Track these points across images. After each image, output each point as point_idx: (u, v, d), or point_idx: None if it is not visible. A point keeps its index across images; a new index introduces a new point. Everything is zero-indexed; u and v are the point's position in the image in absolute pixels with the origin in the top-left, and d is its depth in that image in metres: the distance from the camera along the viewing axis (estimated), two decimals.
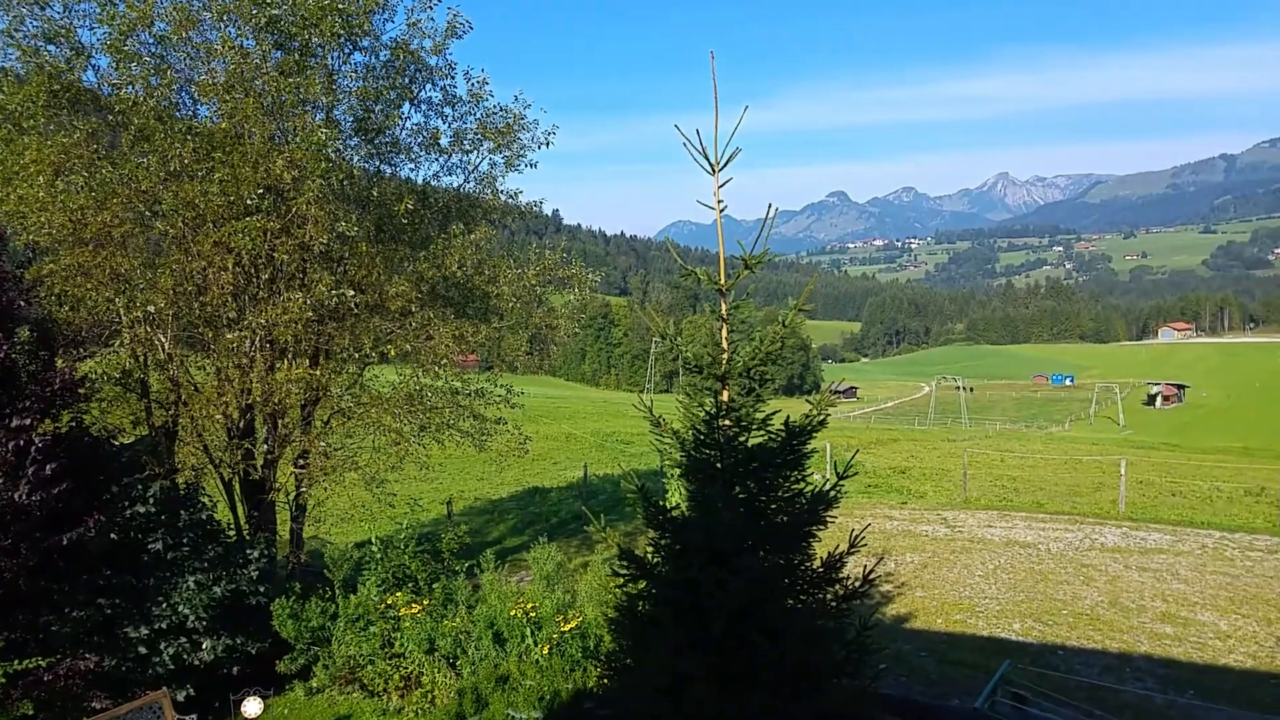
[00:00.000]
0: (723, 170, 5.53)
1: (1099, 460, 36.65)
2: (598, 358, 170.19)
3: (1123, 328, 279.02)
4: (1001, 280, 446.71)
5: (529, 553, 11.84)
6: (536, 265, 14.08)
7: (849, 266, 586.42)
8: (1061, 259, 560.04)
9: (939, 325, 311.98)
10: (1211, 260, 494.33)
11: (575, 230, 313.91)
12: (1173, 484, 29.78)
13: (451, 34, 12.09)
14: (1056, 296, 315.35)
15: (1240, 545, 18.37)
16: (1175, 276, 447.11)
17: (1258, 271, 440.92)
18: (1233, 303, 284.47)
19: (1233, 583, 15.29)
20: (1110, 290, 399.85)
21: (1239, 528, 20.64)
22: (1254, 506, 24.32)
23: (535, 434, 39.55)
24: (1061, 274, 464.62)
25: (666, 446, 5.76)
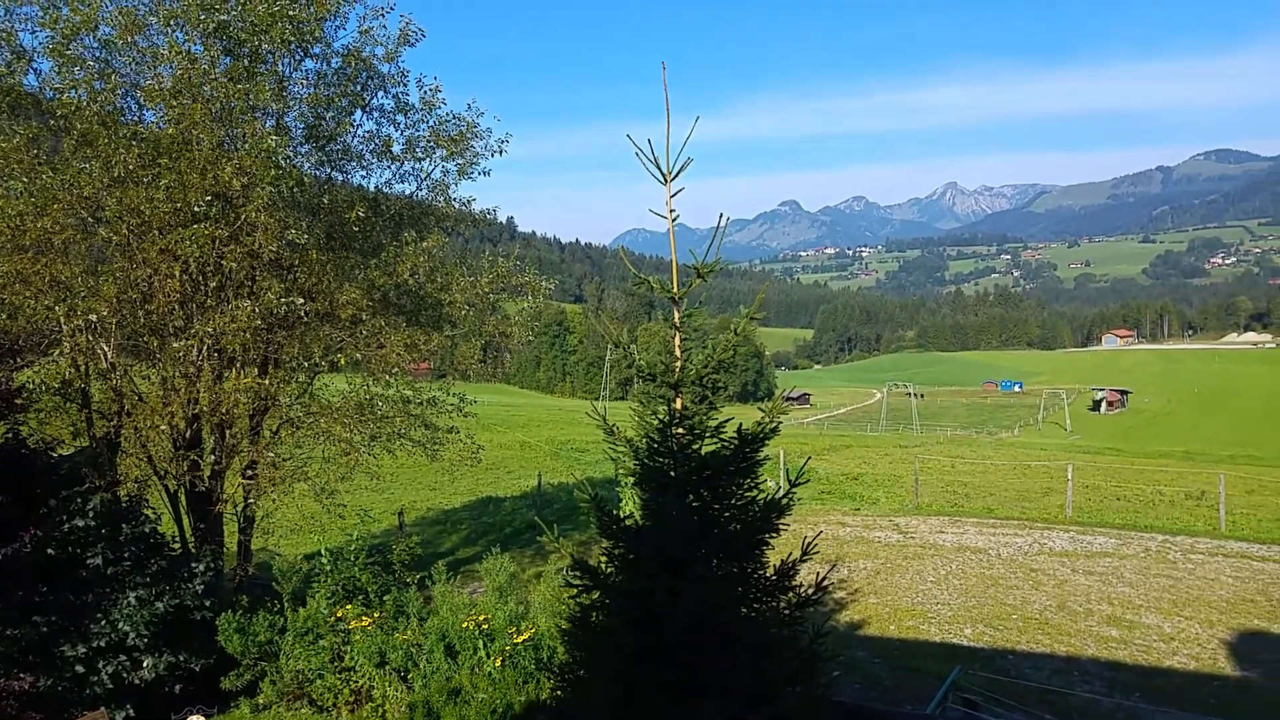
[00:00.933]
0: (675, 179, 5.56)
1: (1047, 465, 37.41)
2: (553, 365, 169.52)
3: (1069, 334, 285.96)
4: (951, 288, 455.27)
5: (482, 563, 11.73)
6: (490, 273, 14.00)
7: (801, 274, 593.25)
8: (1009, 267, 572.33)
9: (890, 332, 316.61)
10: (1151, 269, 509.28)
11: (530, 237, 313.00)
12: (1117, 488, 30.51)
13: (404, 42, 12.01)
14: (1005, 304, 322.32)
15: (1182, 548, 18.90)
16: (1117, 285, 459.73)
17: (1194, 280, 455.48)
18: (1171, 310, 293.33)
19: (1175, 585, 15.71)
20: (1056, 298, 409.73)
21: (1181, 531, 21.23)
22: (1195, 510, 25.02)
23: (489, 443, 39.28)
24: (1009, 282, 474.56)
25: (620, 455, 5.75)
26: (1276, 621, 13.57)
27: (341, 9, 11.40)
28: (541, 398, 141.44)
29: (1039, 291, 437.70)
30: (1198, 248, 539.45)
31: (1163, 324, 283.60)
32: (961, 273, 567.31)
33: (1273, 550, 18.85)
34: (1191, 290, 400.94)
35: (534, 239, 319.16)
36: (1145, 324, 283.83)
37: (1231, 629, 13.19)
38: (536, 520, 7.10)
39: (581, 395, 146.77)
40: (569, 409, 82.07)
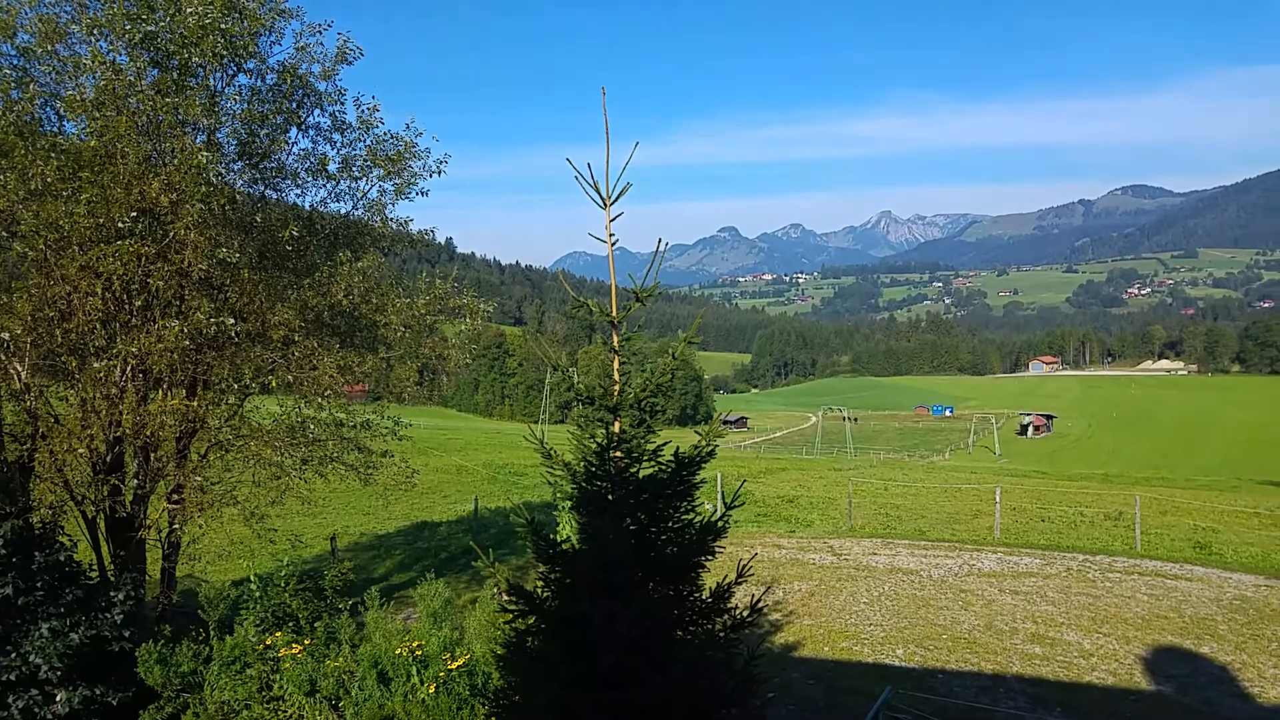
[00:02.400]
0: (614, 203, 5.60)
1: (976, 488, 38.34)
2: (491, 388, 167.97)
3: (998, 360, 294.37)
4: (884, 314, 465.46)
5: (416, 589, 11.53)
6: (427, 294, 13.86)
7: (740, 300, 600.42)
8: (941, 294, 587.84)
9: (825, 357, 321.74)
10: (1074, 298, 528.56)
11: (469, 259, 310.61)
12: (1042, 510, 31.40)
13: (342, 60, 11.89)
14: (936, 330, 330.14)
15: (1101, 567, 19.53)
16: (1043, 313, 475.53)
17: (1114, 309, 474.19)
18: (1093, 338, 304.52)
19: (1095, 603, 16.22)
20: (986, 324, 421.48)
21: (1100, 550, 21.96)
22: (1113, 530, 25.90)
23: (425, 466, 38.70)
24: (941, 309, 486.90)
25: (558, 479, 5.74)
26: (1188, 637, 14.09)
27: (277, 24, 11.22)
28: (480, 421, 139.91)
29: (969, 318, 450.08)
30: (1116, 278, 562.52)
31: (1085, 351, 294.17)
32: (895, 299, 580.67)
33: (1184, 569, 19.60)
34: (1111, 319, 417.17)
35: (473, 260, 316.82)
36: (1069, 351, 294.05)
37: (1146, 645, 13.66)
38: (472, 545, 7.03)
39: (521, 419, 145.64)
40: (507, 432, 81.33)
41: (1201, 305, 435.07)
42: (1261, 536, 26.09)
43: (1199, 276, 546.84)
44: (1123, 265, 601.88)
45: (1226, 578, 18.70)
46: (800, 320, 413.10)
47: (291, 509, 15.93)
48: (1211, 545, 23.11)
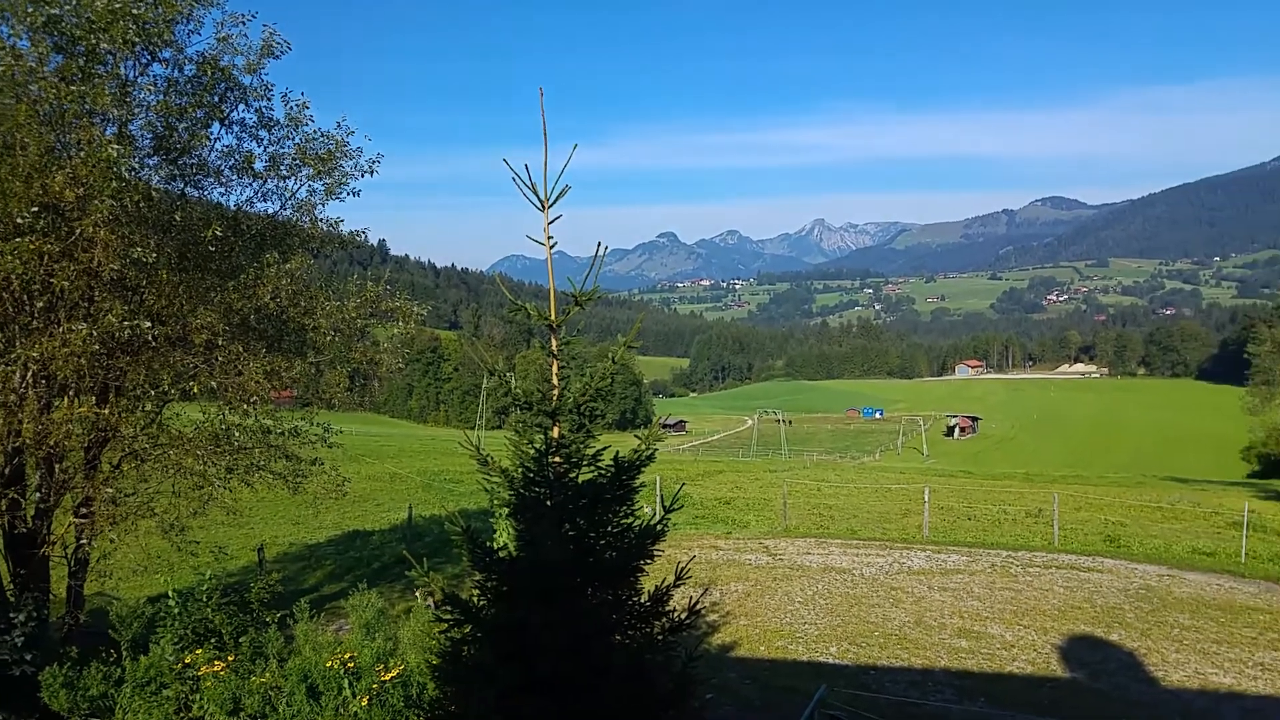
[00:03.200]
0: (552, 206, 5.48)
1: (906, 488, 39.15)
2: (426, 393, 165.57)
3: (925, 364, 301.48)
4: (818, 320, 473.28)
5: (348, 600, 11.20)
6: (358, 297, 13.47)
7: (678, 305, 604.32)
8: (871, 300, 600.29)
9: (761, 361, 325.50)
10: (998, 304, 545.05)
11: (404, 262, 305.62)
12: (968, 509, 32.19)
13: (267, 53, 11.45)
14: (867, 335, 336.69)
15: (1023, 563, 20.10)
16: (968, 318, 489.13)
17: (1034, 315, 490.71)
18: (1015, 342, 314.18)
19: (1016, 597, 16.67)
20: (914, 330, 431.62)
21: (1021, 546, 22.60)
22: (1033, 527, 26.73)
23: (357, 474, 37.89)
24: (871, 314, 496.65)
25: (495, 485, 5.60)
26: (1099, 626, 14.60)
27: (195, 12, 10.71)
28: (414, 427, 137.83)
29: (899, 324, 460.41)
30: (1037, 285, 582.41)
31: (1008, 355, 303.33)
32: (828, 305, 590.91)
33: (1096, 561, 20.36)
34: (1032, 324, 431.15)
35: (407, 263, 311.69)
36: (993, 355, 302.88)
37: (1062, 635, 14.12)
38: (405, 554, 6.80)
39: (457, 424, 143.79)
40: (443, 439, 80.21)
41: (1112, 312, 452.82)
42: (1164, 529, 27.24)
43: (1110, 285, 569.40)
44: (1043, 273, 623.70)
45: (1133, 569, 19.44)
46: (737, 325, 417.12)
47: (215, 519, 15.35)
48: (1120, 539, 24.02)
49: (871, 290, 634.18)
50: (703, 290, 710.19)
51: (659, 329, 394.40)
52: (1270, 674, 12.24)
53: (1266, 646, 13.53)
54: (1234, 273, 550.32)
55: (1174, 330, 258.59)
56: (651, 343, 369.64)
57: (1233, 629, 14.49)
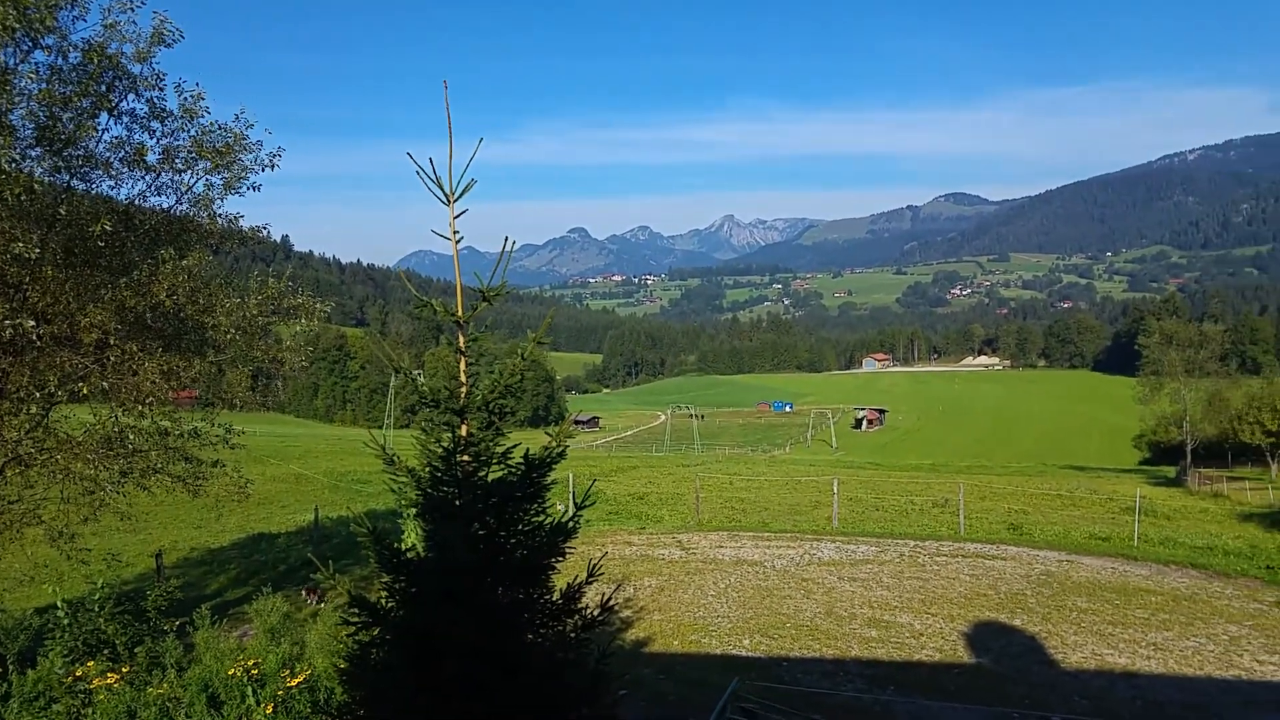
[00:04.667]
0: (458, 200, 5.48)
1: (815, 480, 40.14)
2: (332, 392, 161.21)
3: (833, 358, 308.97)
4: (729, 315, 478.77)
5: (252, 604, 10.93)
6: (259, 294, 13.06)
7: (590, 301, 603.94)
8: (781, 295, 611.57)
9: (673, 357, 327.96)
10: (903, 298, 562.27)
11: (307, 258, 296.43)
12: (876, 499, 33.23)
13: (159, 41, 11.00)
14: (777, 330, 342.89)
15: (930, 552, 20.85)
16: (875, 312, 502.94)
17: (939, 309, 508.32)
18: (920, 336, 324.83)
19: (924, 586, 17.29)
20: (823, 324, 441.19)
21: (929, 536, 23.43)
22: (940, 516, 27.74)
23: (261, 476, 36.71)
24: (781, 309, 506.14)
25: (402, 485, 5.56)
26: (1003, 612, 15.28)
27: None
28: (320, 427, 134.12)
29: (807, 318, 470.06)
30: (941, 280, 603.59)
31: (913, 348, 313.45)
32: (738, 300, 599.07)
33: (1000, 549, 21.28)
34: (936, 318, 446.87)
35: (311, 259, 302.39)
36: (899, 348, 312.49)
37: (968, 621, 14.71)
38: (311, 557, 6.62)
39: (364, 424, 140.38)
40: (350, 438, 78.32)
41: (1013, 305, 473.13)
42: (1063, 516, 28.68)
43: (1011, 279, 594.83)
44: (946, 268, 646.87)
45: (1035, 555, 20.41)
46: (649, 321, 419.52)
47: (109, 525, 14.72)
48: (1023, 526, 25.19)
49: (781, 285, 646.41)
50: (615, 286, 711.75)
51: (571, 325, 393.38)
52: (1161, 653, 13.02)
53: (1158, 627, 14.39)
54: (1125, 267, 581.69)
55: (1071, 323, 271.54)
56: (564, 339, 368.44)
57: (1127, 611, 15.36)
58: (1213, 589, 17.13)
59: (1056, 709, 10.72)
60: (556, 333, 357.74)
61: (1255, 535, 25.24)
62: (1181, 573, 18.65)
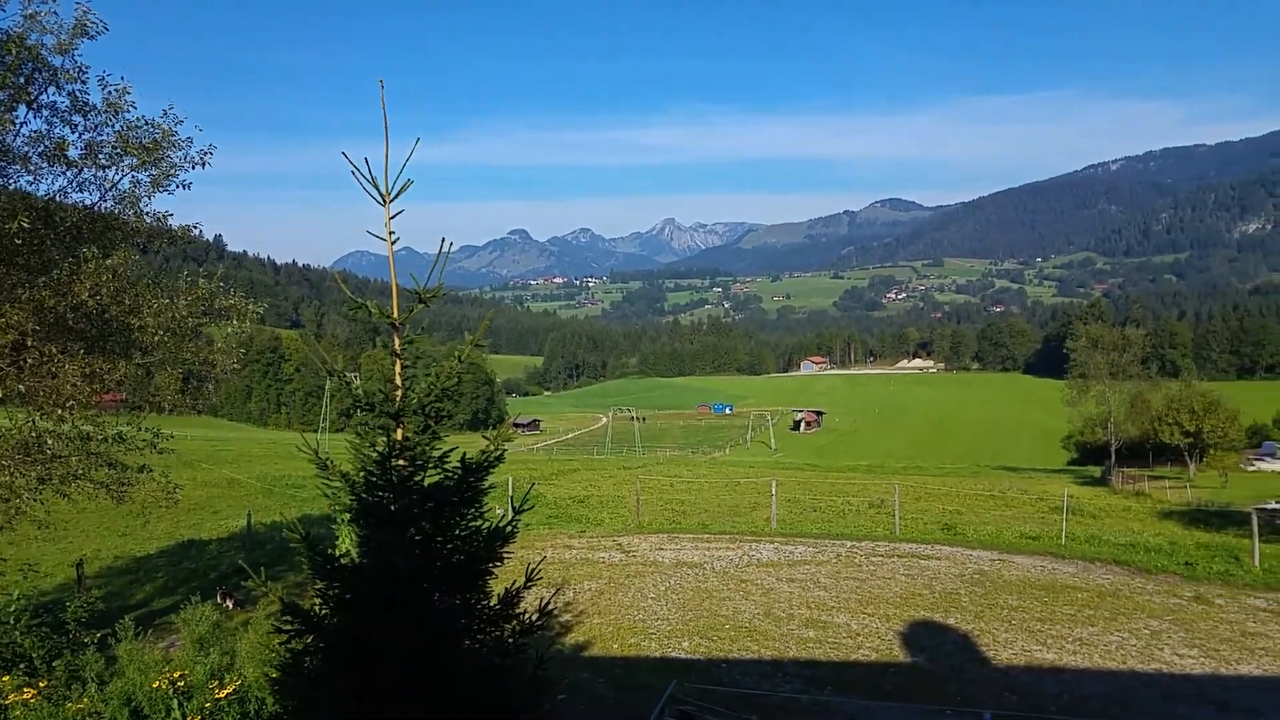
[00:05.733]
0: (395, 200, 5.43)
1: (754, 482, 40.52)
2: (266, 395, 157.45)
3: (772, 361, 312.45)
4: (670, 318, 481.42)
5: (180, 614, 10.60)
6: (189, 294, 12.68)
7: (531, 303, 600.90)
8: (721, 299, 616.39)
9: (615, 359, 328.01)
10: (840, 302, 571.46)
11: (241, 258, 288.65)
12: (814, 500, 33.68)
13: (81, 33, 10.62)
14: (717, 333, 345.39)
15: (866, 552, 21.20)
16: (813, 316, 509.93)
17: (875, 313, 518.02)
18: (856, 339, 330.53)
19: (861, 586, 17.57)
20: (762, 327, 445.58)
21: (865, 536, 23.82)
22: (876, 516, 28.22)
23: (191, 481, 35.72)
24: (721, 312, 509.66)
25: (335, 490, 5.47)
26: (938, 611, 15.62)
27: None
28: (254, 430, 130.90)
29: (747, 322, 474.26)
30: (877, 284, 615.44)
31: (850, 351, 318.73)
32: (679, 304, 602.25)
33: (934, 549, 21.74)
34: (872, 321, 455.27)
35: (245, 259, 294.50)
36: (836, 351, 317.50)
37: (904, 621, 14.99)
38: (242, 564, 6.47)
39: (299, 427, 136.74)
40: (285, 442, 76.53)
41: (947, 309, 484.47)
42: (996, 516, 29.45)
43: (945, 283, 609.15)
44: (882, 272, 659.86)
45: (968, 554, 20.91)
46: (591, 323, 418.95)
47: (26, 534, 14.17)
48: (957, 526, 25.77)
49: (721, 289, 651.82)
50: (556, 288, 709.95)
51: (512, 327, 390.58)
52: (1087, 648, 13.45)
53: (1083, 622, 14.86)
54: (1054, 273, 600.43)
55: (1003, 327, 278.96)
56: (504, 341, 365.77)
57: (1055, 607, 15.83)
58: (1135, 585, 17.77)
59: (987, 705, 10.99)
60: (497, 335, 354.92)
61: (1174, 532, 26.25)
62: (1106, 570, 19.30)
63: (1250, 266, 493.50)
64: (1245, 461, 64.23)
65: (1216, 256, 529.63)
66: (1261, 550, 19.76)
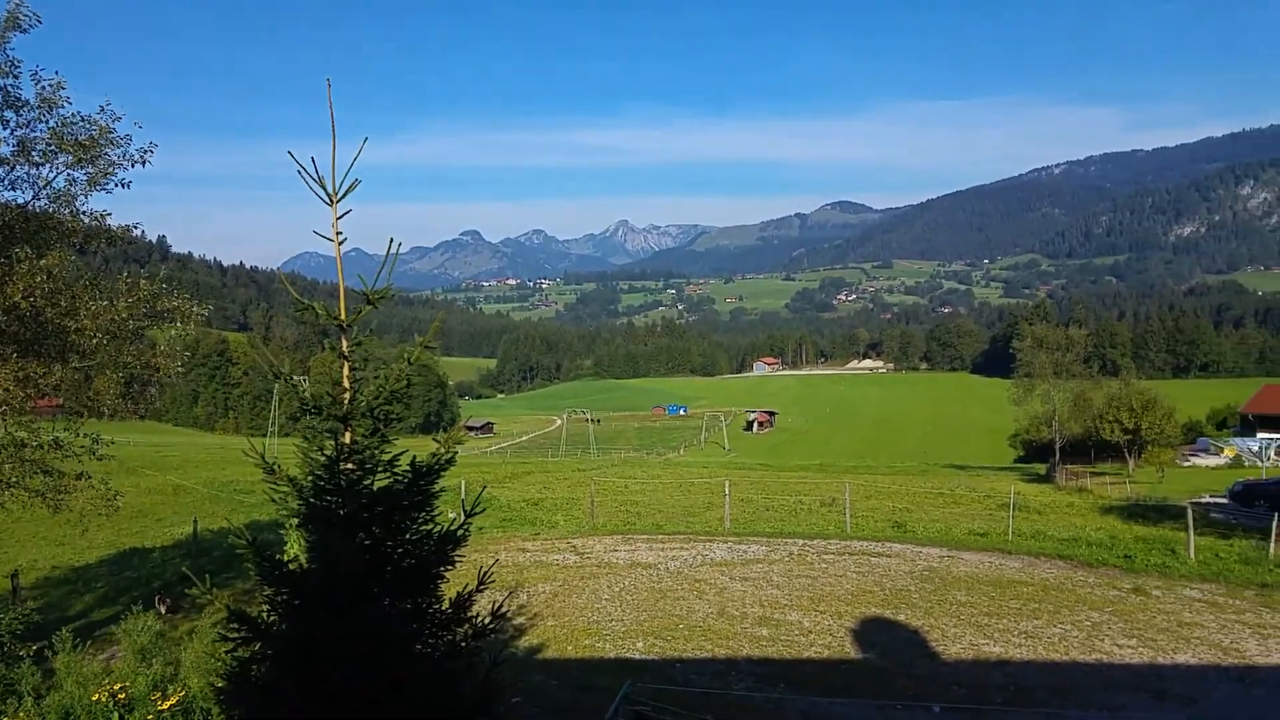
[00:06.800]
0: (342, 201, 5.36)
1: (708, 482, 40.73)
2: (213, 399, 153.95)
3: (726, 362, 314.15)
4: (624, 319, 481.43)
5: (121, 624, 10.33)
6: (129, 296, 12.35)
7: (484, 304, 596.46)
8: (675, 300, 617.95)
9: (569, 361, 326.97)
10: (792, 304, 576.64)
11: (187, 259, 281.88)
12: (767, 500, 33.93)
13: (13, 26, 10.30)
14: (671, 334, 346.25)
15: (818, 550, 21.43)
16: (765, 317, 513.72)
17: (825, 314, 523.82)
18: (808, 340, 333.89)
19: (813, 584, 17.75)
20: (715, 329, 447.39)
21: (817, 534, 24.08)
22: (828, 515, 28.54)
23: (134, 487, 34.85)
24: (675, 314, 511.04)
25: (283, 495, 5.38)
26: (888, 608, 15.85)
27: None
28: (200, 435, 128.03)
29: (700, 323, 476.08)
30: (827, 286, 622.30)
31: (801, 352, 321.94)
32: (634, 305, 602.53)
33: (885, 546, 22.06)
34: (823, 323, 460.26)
35: (191, 261, 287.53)
36: (788, 352, 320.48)
37: (855, 618, 15.19)
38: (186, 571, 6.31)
39: (248, 432, 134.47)
40: (232, 447, 74.87)
41: (897, 310, 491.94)
42: (945, 513, 29.96)
43: (894, 285, 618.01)
44: (833, 274, 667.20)
45: (918, 551, 21.25)
46: (545, 325, 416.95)
47: None
48: (906, 523, 26.17)
49: (675, 290, 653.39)
50: (509, 290, 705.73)
51: (464, 329, 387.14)
52: (1032, 641, 13.77)
53: (1029, 616, 15.20)
54: (1000, 274, 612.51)
55: (951, 327, 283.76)
56: (457, 343, 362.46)
57: (1002, 602, 16.16)
58: (1078, 578, 18.22)
59: (937, 699, 11.19)
60: (449, 337, 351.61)
61: (1115, 526, 26.96)
62: (1051, 564, 19.76)
63: (1185, 268, 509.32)
64: (1181, 457, 66.20)
65: (1153, 259, 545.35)
66: (1196, 543, 20.41)
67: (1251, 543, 21.64)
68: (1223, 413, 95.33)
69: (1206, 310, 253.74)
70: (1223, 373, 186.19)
